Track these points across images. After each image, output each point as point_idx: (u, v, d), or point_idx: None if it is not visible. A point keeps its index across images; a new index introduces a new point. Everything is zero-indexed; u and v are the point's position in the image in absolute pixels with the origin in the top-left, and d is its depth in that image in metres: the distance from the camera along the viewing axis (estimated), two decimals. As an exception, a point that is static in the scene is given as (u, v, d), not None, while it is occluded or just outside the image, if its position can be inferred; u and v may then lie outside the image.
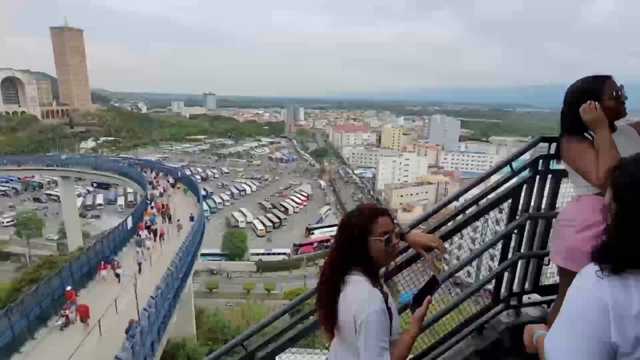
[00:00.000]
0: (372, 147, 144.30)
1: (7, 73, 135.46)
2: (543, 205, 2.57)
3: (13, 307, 13.63)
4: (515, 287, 2.70)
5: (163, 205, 30.09)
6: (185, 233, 24.57)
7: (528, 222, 2.57)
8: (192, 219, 27.62)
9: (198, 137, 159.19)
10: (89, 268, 18.37)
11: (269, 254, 55.84)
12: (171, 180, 40.31)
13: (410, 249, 2.31)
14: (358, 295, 1.60)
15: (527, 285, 2.71)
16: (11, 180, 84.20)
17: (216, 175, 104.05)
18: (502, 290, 2.71)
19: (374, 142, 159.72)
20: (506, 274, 2.65)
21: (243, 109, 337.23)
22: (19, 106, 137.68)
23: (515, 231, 2.56)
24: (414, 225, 2.23)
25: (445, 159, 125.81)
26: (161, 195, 33.71)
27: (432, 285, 1.78)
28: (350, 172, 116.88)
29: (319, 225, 68.73)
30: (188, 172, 64.07)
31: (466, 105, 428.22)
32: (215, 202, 77.54)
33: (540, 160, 2.44)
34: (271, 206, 78.55)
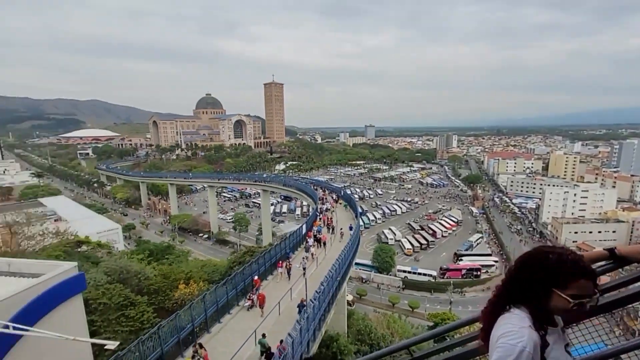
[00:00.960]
0: (536, 175, 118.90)
1: (237, 117, 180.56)
2: None
3: (227, 281, 17.53)
4: None
5: (328, 218, 33.12)
6: (345, 240, 26.36)
7: None
8: (351, 228, 29.73)
9: (358, 162, 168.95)
10: (272, 262, 21.69)
11: (414, 273, 52.98)
12: (334, 197, 44.10)
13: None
14: (507, 325, 1.42)
15: None
16: (233, 190, 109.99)
17: (371, 196, 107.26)
18: None
19: (538, 170, 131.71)
20: None
21: (398, 137, 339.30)
22: (242, 139, 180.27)
23: None
24: None
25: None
26: (327, 210, 37.03)
27: None
28: (507, 200, 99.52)
29: (468, 252, 60.89)
30: (349, 192, 68.66)
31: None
32: (369, 219, 79.69)
33: None
34: (419, 228, 74.79)
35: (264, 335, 13.20)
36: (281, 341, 12.46)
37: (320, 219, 33.15)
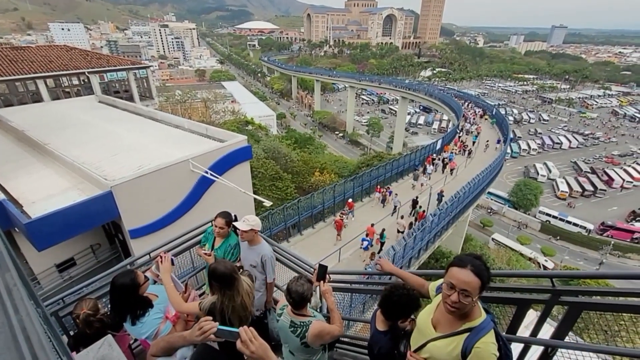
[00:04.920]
0: None
1: (389, 12, 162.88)
2: None
3: (355, 179, 19.04)
4: None
5: (462, 142, 29.18)
6: (487, 160, 24.35)
7: None
8: (498, 142, 28.98)
9: (525, 76, 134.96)
10: (398, 171, 21.95)
11: (562, 219, 44.80)
12: (479, 112, 39.15)
13: None
14: None
15: None
16: (372, 93, 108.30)
17: (532, 121, 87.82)
18: None
19: None
20: None
21: (600, 46, 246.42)
22: (390, 38, 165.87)
23: None
24: None
25: None
26: (471, 125, 33.17)
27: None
28: None
29: (656, 214, 46.13)
30: (503, 111, 57.50)
31: None
32: (519, 147, 67.59)
33: None
34: (589, 170, 59.32)
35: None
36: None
37: (459, 136, 30.10)
